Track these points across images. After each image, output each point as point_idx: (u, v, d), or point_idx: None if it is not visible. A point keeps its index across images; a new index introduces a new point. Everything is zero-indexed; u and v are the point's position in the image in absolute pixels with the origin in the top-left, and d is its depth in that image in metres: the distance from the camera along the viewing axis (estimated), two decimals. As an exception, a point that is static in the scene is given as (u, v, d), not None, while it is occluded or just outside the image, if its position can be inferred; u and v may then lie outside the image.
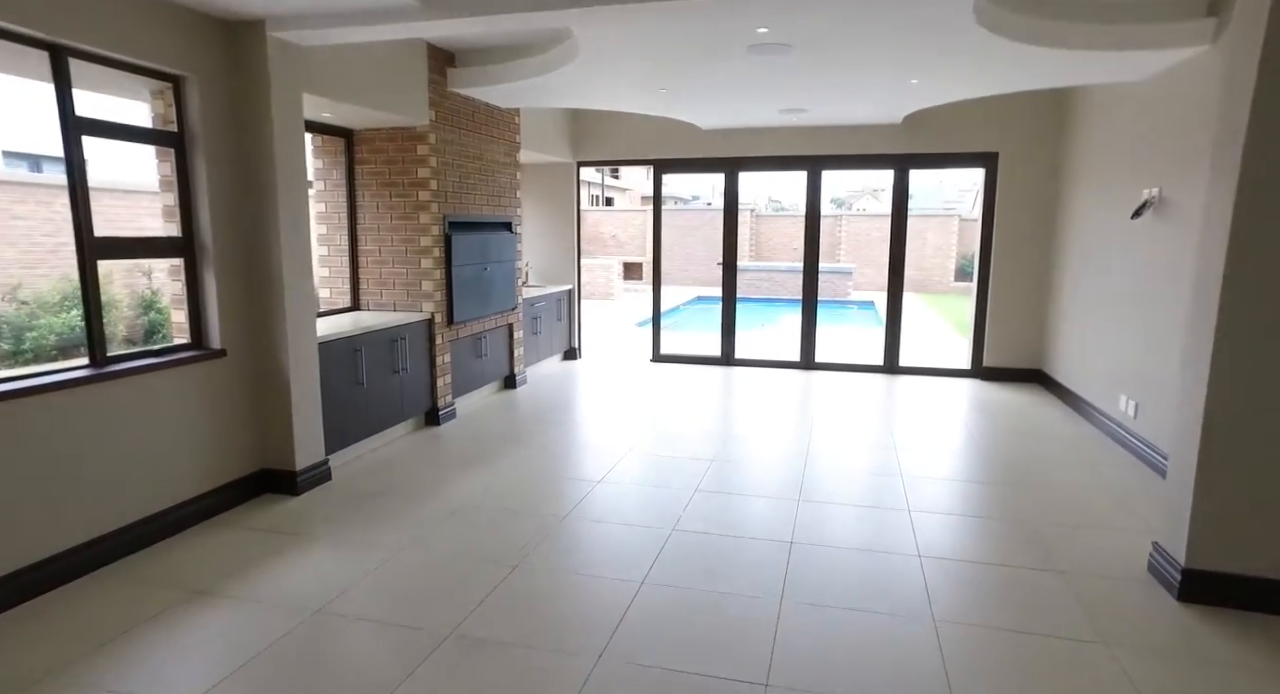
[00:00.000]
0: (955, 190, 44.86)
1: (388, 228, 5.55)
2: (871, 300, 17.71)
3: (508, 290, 6.76)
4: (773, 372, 7.94)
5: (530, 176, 8.47)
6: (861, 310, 17.17)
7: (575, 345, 8.66)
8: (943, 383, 7.39)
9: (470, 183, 6.03)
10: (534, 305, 7.53)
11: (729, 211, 8.07)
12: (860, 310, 17.20)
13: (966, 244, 20.20)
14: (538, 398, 6.70)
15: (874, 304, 17.33)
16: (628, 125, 8.06)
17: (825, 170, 7.72)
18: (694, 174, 8.23)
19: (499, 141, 6.50)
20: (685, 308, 17.08)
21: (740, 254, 22.36)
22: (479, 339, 6.36)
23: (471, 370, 6.27)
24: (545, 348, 7.91)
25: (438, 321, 5.65)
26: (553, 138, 7.82)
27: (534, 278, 8.60)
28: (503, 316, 6.75)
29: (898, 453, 5.10)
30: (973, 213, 23.21)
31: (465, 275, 5.94)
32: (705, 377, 7.67)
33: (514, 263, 6.84)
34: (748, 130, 7.75)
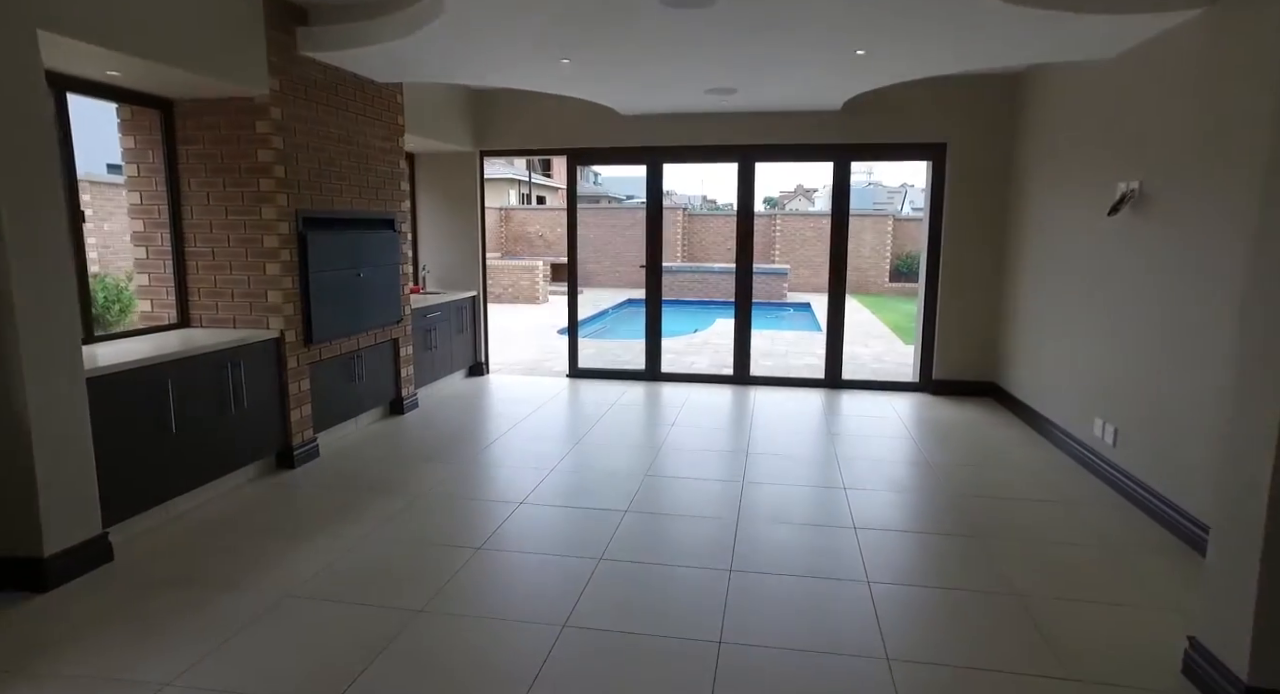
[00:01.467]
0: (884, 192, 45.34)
1: (222, 225, 4.44)
2: (808, 302, 17.18)
3: (390, 300, 5.70)
4: (703, 388, 7.09)
5: (426, 168, 7.40)
6: (798, 313, 16.60)
7: (482, 359, 7.63)
8: (890, 399, 6.67)
9: (335, 171, 4.96)
10: (426, 317, 6.48)
11: (652, 208, 7.19)
12: (796, 313, 16.63)
13: (901, 244, 19.93)
14: (428, 427, 5.67)
15: (810, 306, 16.79)
16: (539, 110, 7.09)
17: (758, 162, 6.92)
18: (614, 166, 7.33)
19: (376, 123, 5.44)
20: (614, 312, 16.18)
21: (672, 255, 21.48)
22: (351, 359, 5.28)
23: (341, 397, 5.20)
24: (443, 364, 6.87)
25: (290, 340, 4.57)
26: (451, 123, 6.78)
27: (432, 283, 7.53)
28: (384, 331, 5.69)
29: (846, 494, 4.29)
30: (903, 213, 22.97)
31: (328, 283, 4.86)
32: (627, 395, 6.77)
33: (398, 266, 5.79)
34: (672, 116, 6.88)
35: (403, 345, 5.97)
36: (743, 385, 7.17)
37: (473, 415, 6.07)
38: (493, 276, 16.51)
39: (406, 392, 6.05)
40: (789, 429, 5.69)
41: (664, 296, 7.30)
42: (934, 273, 6.72)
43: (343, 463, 4.78)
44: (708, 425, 5.76)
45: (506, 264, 17.01)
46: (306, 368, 4.75)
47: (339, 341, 5.09)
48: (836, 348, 7.04)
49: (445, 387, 6.95)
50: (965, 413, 6.17)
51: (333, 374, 5.08)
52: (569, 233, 7.49)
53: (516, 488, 4.35)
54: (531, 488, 4.34)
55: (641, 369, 7.42)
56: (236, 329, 4.51)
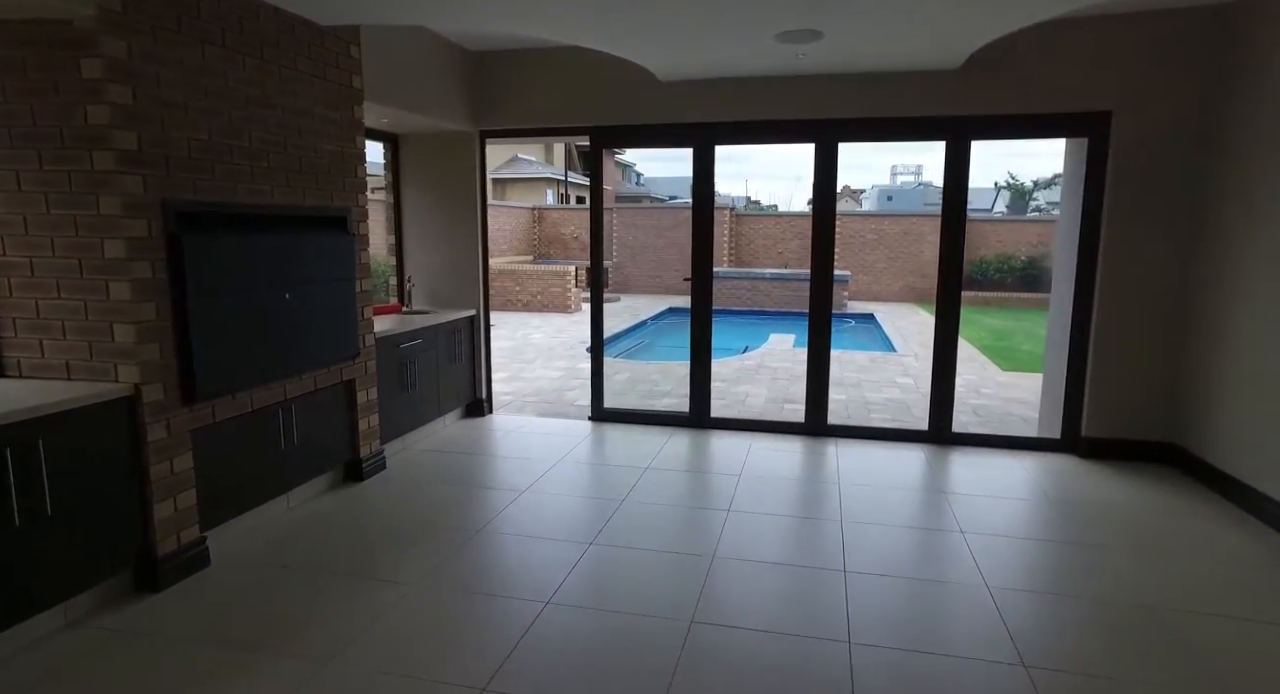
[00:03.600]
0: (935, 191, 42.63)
1: (44, 222, 2.91)
2: (872, 313, 15.27)
3: (340, 328, 4.14)
4: (765, 440, 5.38)
5: (412, 154, 5.84)
6: (860, 326, 14.71)
7: (482, 395, 6.04)
8: (1024, 464, 4.86)
9: (240, 146, 3.41)
10: (401, 346, 4.90)
11: (700, 204, 5.50)
12: (859, 326, 14.74)
13: (973, 247, 17.84)
14: (387, 506, 4.08)
15: (875, 318, 14.89)
16: (554, 78, 5.47)
17: (844, 142, 5.18)
18: (649, 149, 5.67)
19: (317, 83, 3.88)
20: (654, 323, 14.53)
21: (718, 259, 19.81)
22: (273, 416, 3.72)
23: (255, 471, 3.64)
24: (427, 406, 5.29)
25: (153, 399, 3.01)
26: (440, 93, 5.21)
27: (421, 299, 5.97)
28: (331, 371, 4.13)
29: (1030, 675, 2.54)
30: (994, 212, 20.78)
31: (226, 309, 3.30)
32: (665, 451, 5.09)
33: (353, 282, 4.22)
34: (727, 83, 5.19)
35: (362, 387, 4.40)
36: (817, 438, 5.44)
37: (454, 485, 4.46)
38: (520, 283, 15.02)
39: (368, 450, 4.48)
40: (897, 521, 3.94)
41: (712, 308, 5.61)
42: (1086, 288, 4.89)
43: (245, 575, 3.21)
44: (778, 512, 4.04)
45: (538, 269, 15.50)
46: (186, 437, 3.19)
47: (249, 393, 3.53)
48: (945, 390, 5.25)
49: (429, 436, 5.37)
50: (1144, 492, 4.34)
51: (238, 440, 3.52)
52: (593, 233, 5.86)
53: (494, 639, 2.71)
54: (514, 642, 2.70)
55: (684, 412, 5.74)
56: (72, 381, 2.97)
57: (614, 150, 33.13)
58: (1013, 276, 17.64)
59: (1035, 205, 27.75)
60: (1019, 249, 17.94)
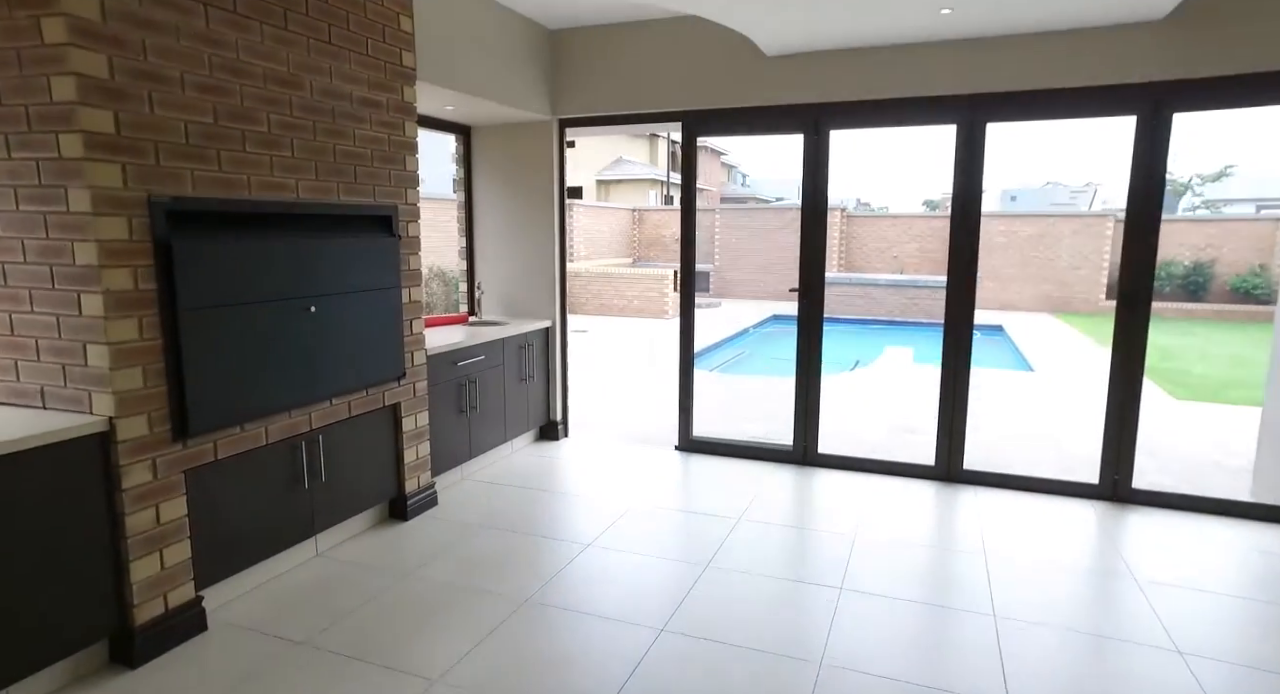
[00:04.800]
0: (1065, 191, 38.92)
1: (13, 220, 2.43)
2: (999, 324, 13.72)
3: (382, 344, 3.57)
4: (885, 485, 4.44)
5: (484, 146, 5.27)
6: (987, 337, 13.21)
7: (557, 417, 5.39)
8: (1243, 542, 3.71)
9: (255, 132, 2.87)
10: (458, 364, 4.30)
11: (812, 199, 4.62)
12: (985, 337, 13.25)
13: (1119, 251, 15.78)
14: (429, 556, 3.47)
15: (1004, 329, 13.35)
16: (640, 57, 4.76)
17: (995, 122, 4.18)
18: (748, 136, 4.83)
19: (356, 58, 3.31)
20: (755, 331, 13.60)
21: (827, 263, 18.77)
22: (294, 452, 3.17)
23: (269, 518, 3.09)
24: (491, 431, 4.69)
25: (133, 436, 2.49)
26: (514, 76, 4.59)
27: (492, 308, 5.39)
28: (371, 395, 3.56)
29: None
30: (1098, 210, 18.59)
31: (231, 328, 2.76)
32: (763, 496, 4.26)
33: (397, 291, 3.65)
34: (845, 54, 4.31)
35: (409, 413, 3.82)
36: (950, 483, 4.45)
37: (508, 531, 3.80)
38: (615, 287, 14.45)
39: (415, 484, 3.90)
40: (1073, 623, 2.96)
41: None
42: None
43: (239, 646, 2.65)
44: (906, 596, 3.13)
45: (633, 272, 14.89)
46: (178, 479, 2.66)
47: (262, 424, 2.99)
48: (1124, 437, 4.13)
49: (492, 464, 4.77)
50: None
51: (248, 481, 2.98)
52: (684, 233, 5.11)
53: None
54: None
55: (787, 446, 4.87)
56: (46, 411, 2.49)
57: (715, 151, 32.27)
58: (1171, 285, 15.53)
59: (1198, 202, 24.71)
60: (1179, 253, 15.77)
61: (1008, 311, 15.65)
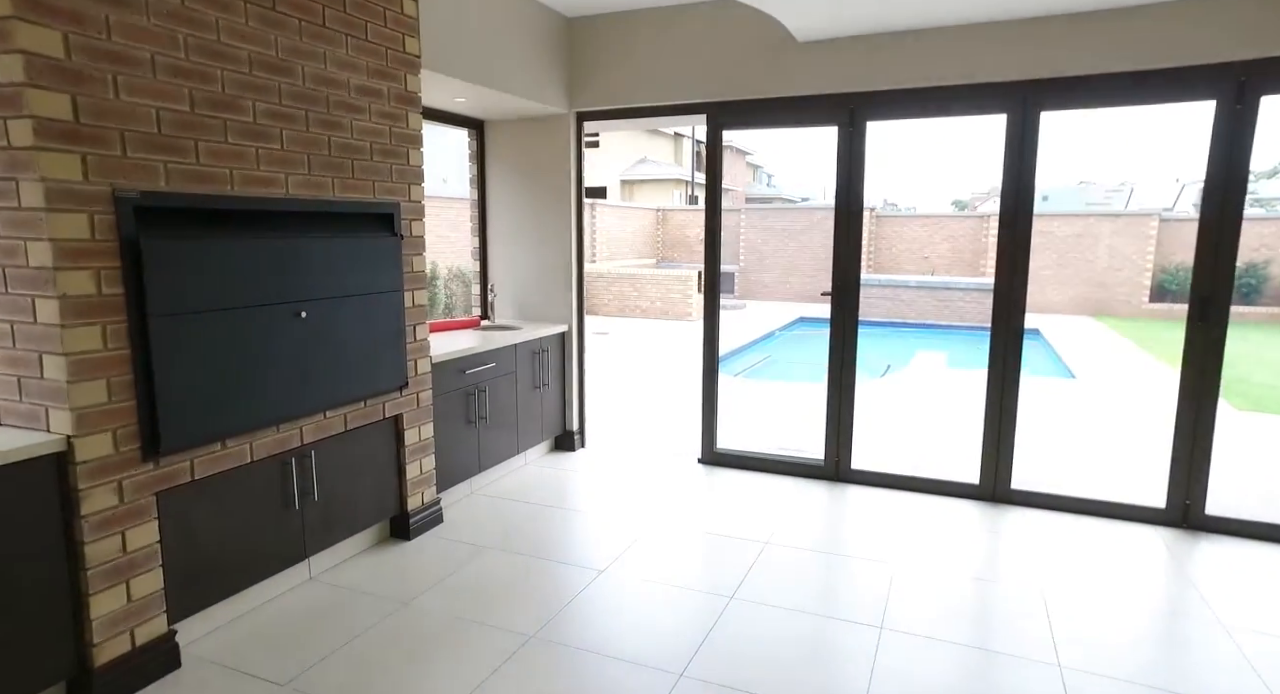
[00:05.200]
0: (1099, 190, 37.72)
1: (-34, 220, 2.21)
2: (1036, 327, 13.18)
3: (382, 352, 3.31)
4: (924, 506, 4.10)
5: (497, 141, 5.01)
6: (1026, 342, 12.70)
7: (574, 427, 5.11)
8: (1327, 569, 3.32)
9: (238, 123, 2.62)
10: (465, 373, 4.03)
11: (846, 195, 4.29)
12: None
13: (1168, 252, 15.19)
14: (430, 581, 3.20)
15: (1040, 333, 12.84)
16: (663, 45, 4.46)
17: (1051, 110, 3.82)
18: (777, 129, 4.51)
19: (354, 43, 3.06)
20: (782, 334, 13.23)
21: (857, 264, 18.06)
22: (284, 469, 2.92)
23: (255, 541, 2.84)
24: (504, 442, 4.42)
25: (92, 457, 2.24)
26: (528, 66, 4.32)
27: (506, 311, 5.13)
28: (370, 406, 3.31)
29: None
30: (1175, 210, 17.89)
31: (209, 336, 2.51)
32: (791, 518, 3.94)
33: (398, 296, 3.39)
34: (884, 39, 3.97)
35: (411, 425, 3.56)
36: (996, 504, 4.10)
37: (517, 553, 3.52)
38: (638, 288, 14.16)
39: (418, 501, 3.64)
40: (1153, 680, 2.60)
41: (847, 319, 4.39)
42: None
43: (212, 685, 2.40)
44: (954, 637, 2.80)
45: (656, 273, 14.59)
46: (149, 502, 2.42)
47: (246, 440, 2.74)
48: (1196, 458, 3.74)
49: (504, 477, 4.50)
50: None
51: (231, 502, 2.73)
52: (709, 233, 4.80)
53: None
54: None
55: (818, 461, 4.54)
56: (4, 428, 2.26)
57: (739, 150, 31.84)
58: (1218, 287, 14.87)
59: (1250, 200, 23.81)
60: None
61: (1043, 314, 15.10)
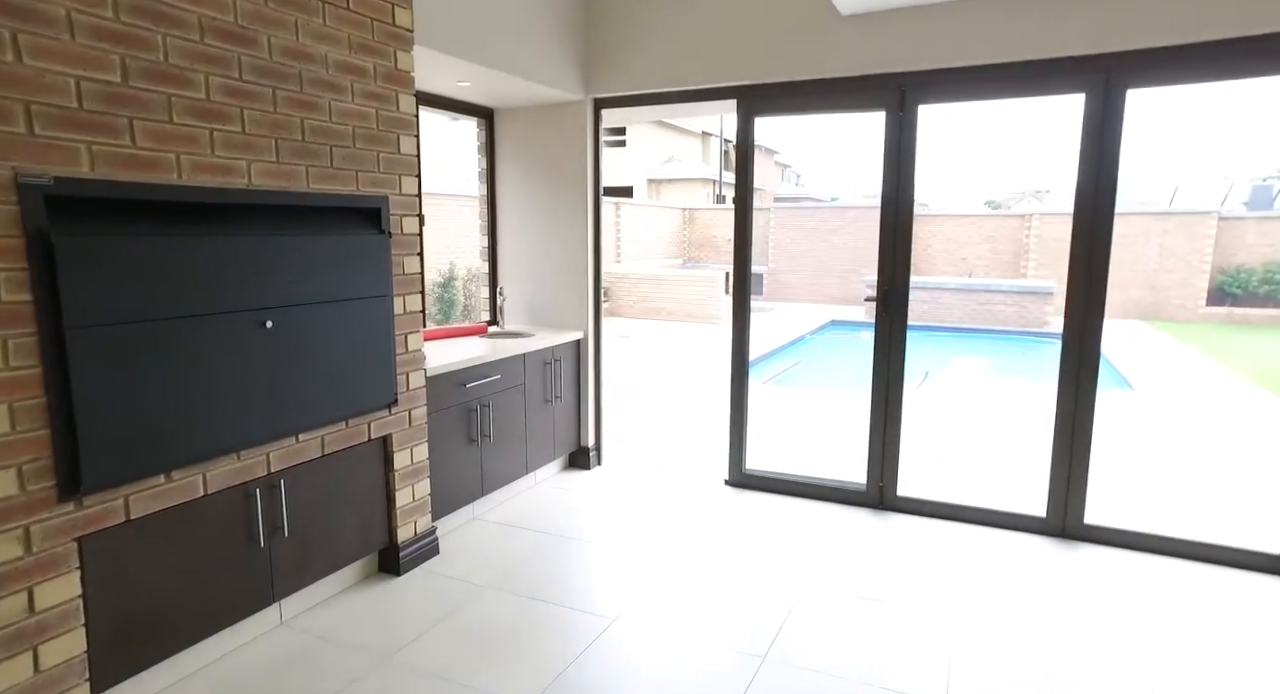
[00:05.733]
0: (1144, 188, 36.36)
1: None
2: (1083, 333, 12.48)
3: (367, 365, 2.91)
4: (985, 541, 3.60)
5: (508, 132, 4.60)
6: (1070, 347, 12.04)
7: (589, 443, 4.68)
8: None
9: (185, 100, 2.23)
10: (467, 386, 3.62)
11: (896, 187, 3.80)
12: (1067, 347, 12.08)
13: (1227, 253, 14.37)
14: (414, 629, 2.78)
15: (1088, 338, 12.14)
16: (688, 24, 4.02)
17: (1140, 86, 3.31)
18: (816, 114, 4.03)
19: (332, 11, 2.66)
20: (812, 337, 12.69)
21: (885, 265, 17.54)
22: (246, 501, 2.53)
23: (209, 588, 2.44)
24: (511, 461, 4.00)
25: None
26: (540, 45, 3.91)
27: (517, 317, 4.72)
28: (351, 428, 2.91)
29: None
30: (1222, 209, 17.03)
31: (145, 350, 2.12)
32: (830, 556, 3.47)
33: (385, 302, 2.98)
34: (939, 9, 3.49)
35: (402, 446, 3.15)
36: (1067, 541, 3.59)
37: (517, 595, 3.09)
38: (662, 289, 13.71)
39: (410, 531, 3.24)
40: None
41: (872, 319, 3.90)
42: None
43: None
44: None
45: (681, 274, 14.14)
46: (69, 550, 2.03)
47: (196, 472, 2.35)
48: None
49: (511, 499, 4.08)
50: None
51: (178, 545, 2.34)
52: (738, 232, 4.36)
53: None
54: None
55: (859, 485, 4.06)
56: (-107, 461, 1.88)
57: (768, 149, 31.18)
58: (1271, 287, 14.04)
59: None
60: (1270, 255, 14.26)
61: (1090, 318, 14.38)
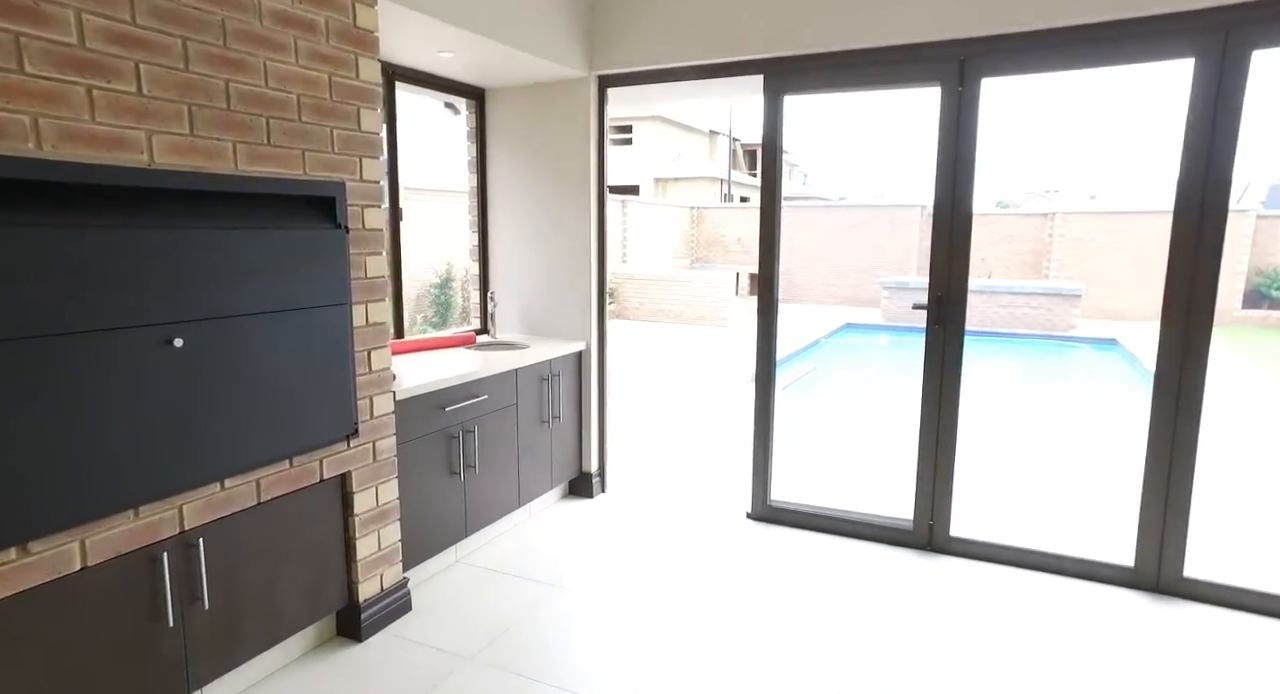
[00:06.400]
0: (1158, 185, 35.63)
1: None
2: (1113, 337, 11.88)
3: (318, 390, 2.36)
4: (1061, 594, 3.03)
5: (502, 114, 4.06)
6: (1100, 352, 11.46)
7: (592, 468, 4.13)
8: None
9: (58, 41, 1.68)
10: (446, 410, 3.07)
11: (950, 178, 3.23)
12: (1096, 351, 11.49)
13: (1265, 253, 13.71)
14: (373, 717, 2.25)
15: (1118, 343, 11.54)
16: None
17: (1261, 48, 2.74)
18: (855, 91, 3.45)
19: (266, -52, 2.12)
20: (827, 341, 12.10)
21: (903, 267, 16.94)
22: (150, 568, 1.98)
23: (100, 681, 1.91)
24: (500, 493, 3.45)
25: None
26: (537, 13, 3.35)
27: (507, 323, 4.17)
28: (296, 468, 2.36)
29: None
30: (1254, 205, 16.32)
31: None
32: (883, 614, 2.91)
33: (342, 312, 2.43)
34: (1015, -37, 2.92)
35: (364, 486, 2.61)
36: (1163, 597, 3.02)
37: (505, 671, 2.55)
38: (670, 291, 13.15)
39: (375, 586, 2.69)
40: None
41: (891, 321, 3.32)
42: None
43: None
44: None
45: (690, 275, 13.58)
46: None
47: (72, 537, 1.80)
48: None
49: (500, 538, 3.53)
50: None
51: (42, 636, 1.79)
52: (763, 227, 3.78)
53: None
54: None
55: (905, 522, 3.49)
56: None
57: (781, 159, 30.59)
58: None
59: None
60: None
61: (1116, 321, 13.75)
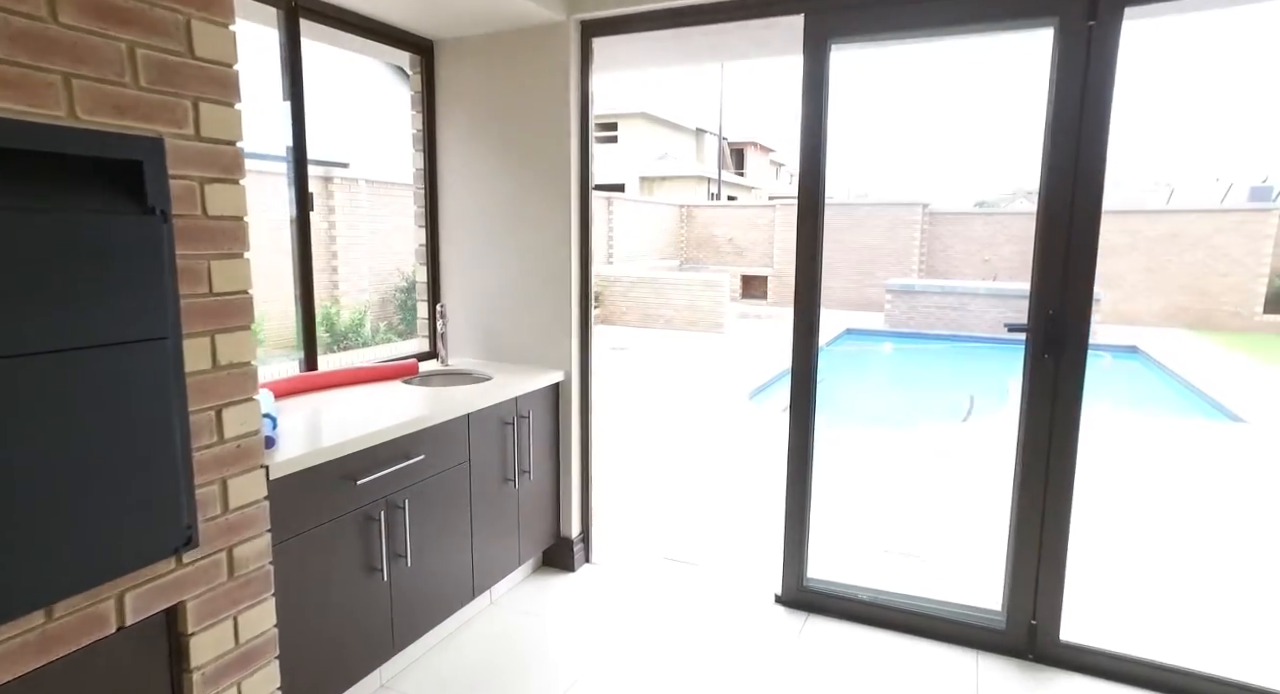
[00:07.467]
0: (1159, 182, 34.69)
1: None
2: (1134, 345, 11.09)
3: (120, 479, 1.40)
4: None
5: (456, 74, 3.11)
6: (1119, 361, 10.66)
7: (572, 531, 3.19)
8: None
9: None
10: (359, 484, 2.12)
11: (1070, 154, 2.32)
12: (1117, 360, 10.70)
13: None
14: None
15: (1140, 350, 10.76)
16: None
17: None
18: (934, 35, 2.55)
19: None
20: (827, 351, 11.21)
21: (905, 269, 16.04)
22: None
23: None
24: (448, 585, 2.50)
25: None
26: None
27: (462, 346, 3.23)
28: (79, 614, 1.40)
29: None
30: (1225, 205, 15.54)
31: None
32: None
33: (163, 346, 1.48)
34: None
35: (204, 623, 1.65)
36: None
37: None
38: (660, 294, 12.23)
39: (236, 766, 1.74)
40: None
41: (895, 327, 2.44)
42: None
43: None
44: None
45: (683, 278, 12.67)
46: None
47: None
48: None
49: (449, 639, 2.59)
50: None
51: None
52: (801, 228, 2.88)
53: None
54: None
55: (994, 616, 2.59)
56: None
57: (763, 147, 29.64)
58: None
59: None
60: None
61: (1129, 326, 13.01)
